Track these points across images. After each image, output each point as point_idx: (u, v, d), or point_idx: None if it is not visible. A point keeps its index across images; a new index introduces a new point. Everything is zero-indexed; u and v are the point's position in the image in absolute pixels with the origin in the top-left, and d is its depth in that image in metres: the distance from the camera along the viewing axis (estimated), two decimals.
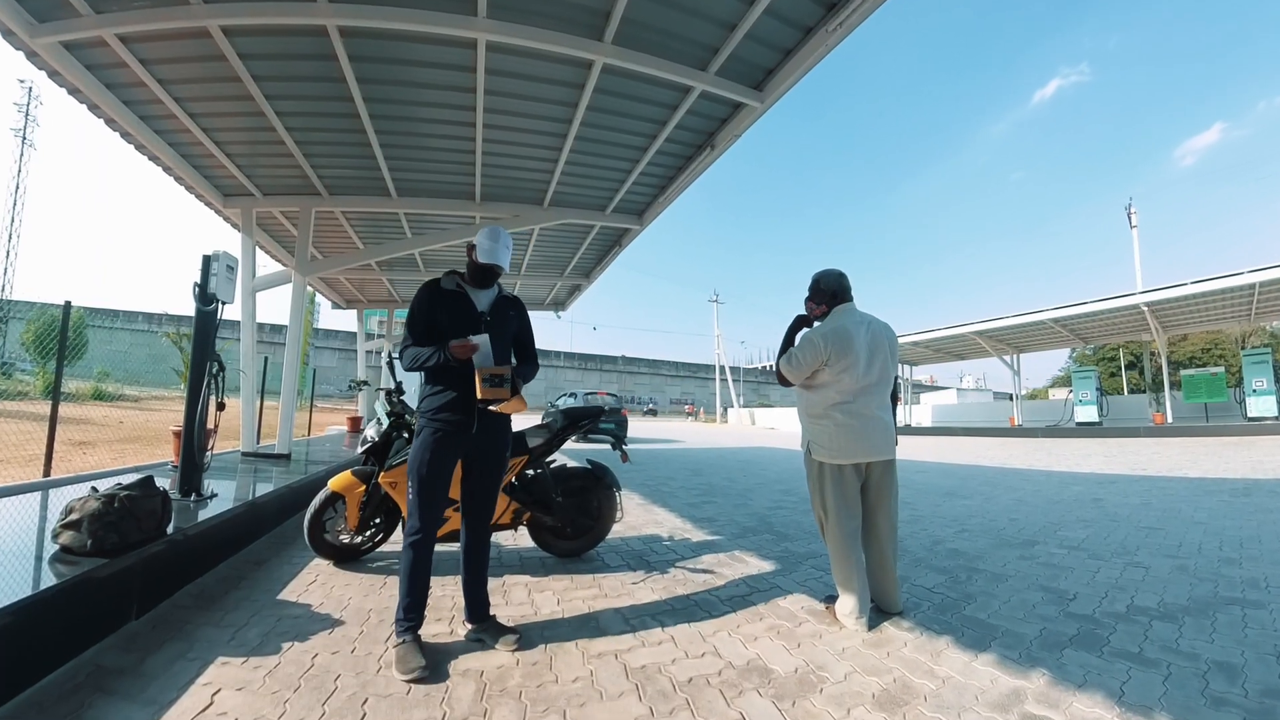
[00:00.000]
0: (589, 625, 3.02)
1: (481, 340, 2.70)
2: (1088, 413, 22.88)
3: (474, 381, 2.68)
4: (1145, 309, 19.51)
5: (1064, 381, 46.80)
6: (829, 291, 3.30)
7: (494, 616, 2.91)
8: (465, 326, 2.79)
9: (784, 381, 3.33)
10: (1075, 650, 2.72)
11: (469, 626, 2.86)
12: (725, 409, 54.24)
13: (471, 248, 2.86)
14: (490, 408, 2.75)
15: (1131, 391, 36.44)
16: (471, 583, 2.89)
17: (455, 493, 2.95)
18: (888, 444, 3.15)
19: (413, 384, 3.46)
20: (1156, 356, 23.71)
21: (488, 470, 2.91)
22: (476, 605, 2.87)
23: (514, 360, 3.04)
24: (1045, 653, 2.69)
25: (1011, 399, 29.24)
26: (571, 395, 20.15)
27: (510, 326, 2.98)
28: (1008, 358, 27.42)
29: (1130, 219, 34.43)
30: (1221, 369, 21.99)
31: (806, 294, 3.40)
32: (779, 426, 38.84)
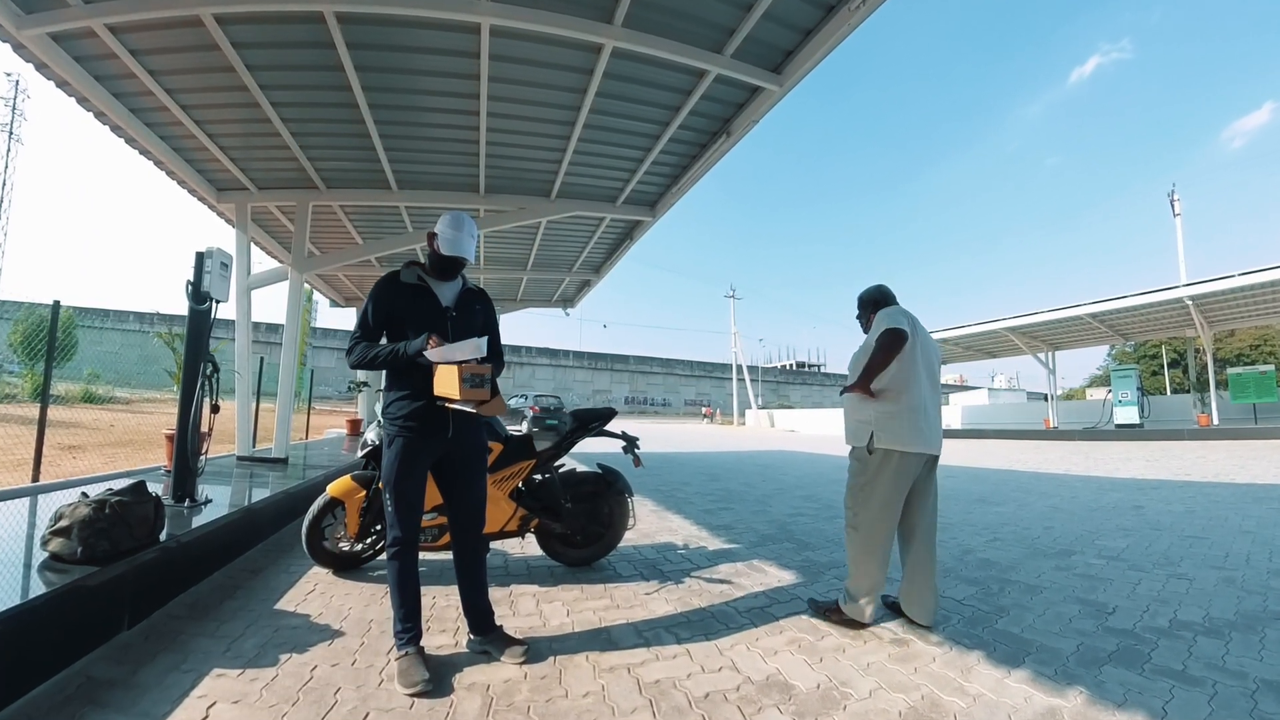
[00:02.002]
0: (600, 638, 3.03)
1: (470, 343, 2.58)
2: (1128, 414, 22.64)
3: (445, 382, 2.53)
4: (1189, 303, 19.27)
5: (1102, 381, 46.40)
6: (871, 300, 3.51)
7: (500, 627, 2.91)
8: (429, 323, 2.73)
9: (890, 357, 3.09)
10: (1114, 667, 2.69)
11: (473, 638, 2.87)
12: (743, 410, 54.10)
13: (433, 236, 2.78)
14: (468, 409, 2.57)
15: (1174, 391, 36.04)
16: (472, 594, 2.88)
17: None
18: (940, 439, 3.30)
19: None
20: (1201, 353, 23.41)
21: (470, 474, 2.89)
22: (479, 617, 2.87)
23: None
24: (1083, 669, 2.67)
25: (1046, 399, 29.04)
26: (522, 396, 23.19)
27: (476, 322, 2.90)
28: (1042, 355, 27.20)
29: (1173, 206, 33.99)
30: (1271, 367, 21.73)
31: (856, 313, 3.62)
32: (800, 429, 38.70)
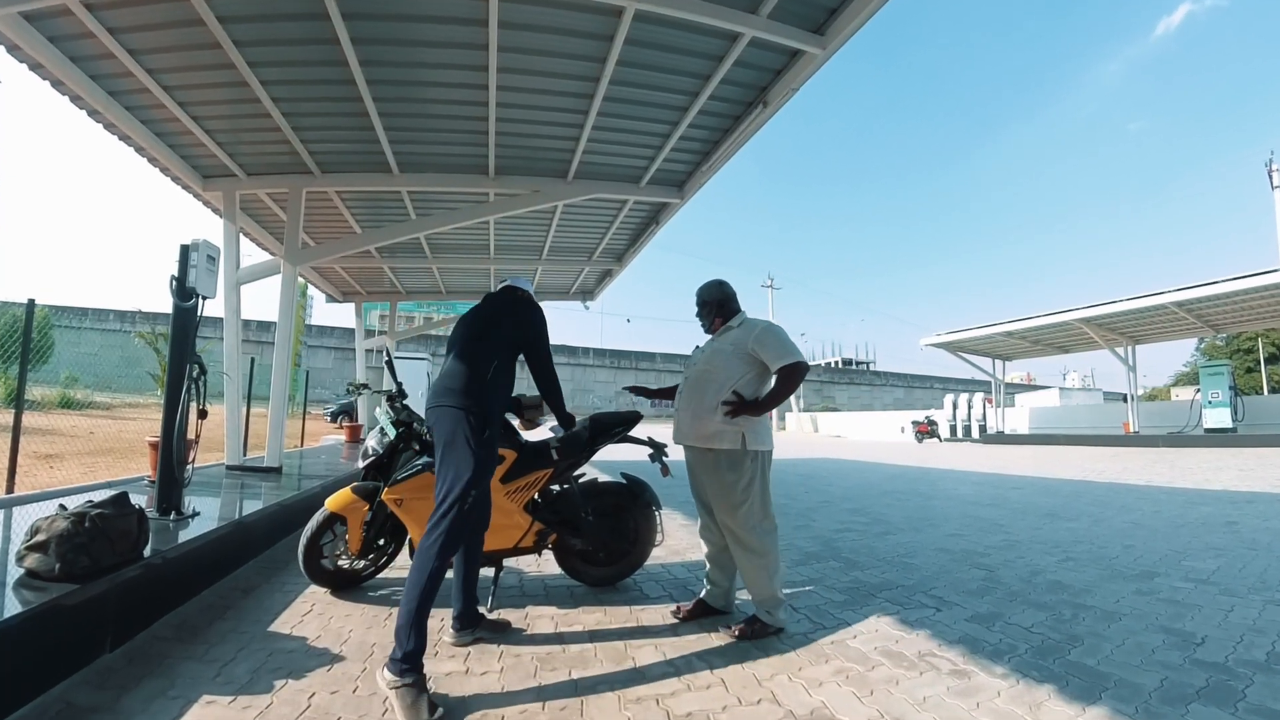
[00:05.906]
0: (626, 665, 3.04)
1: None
2: (1219, 416, 22.18)
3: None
4: None
5: (1190, 379, 45.44)
6: (717, 303, 3.82)
7: (484, 615, 3.38)
8: None
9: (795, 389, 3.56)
10: (1203, 705, 2.63)
11: (458, 634, 3.26)
12: (783, 414, 53.82)
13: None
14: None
15: (1273, 390, 35.24)
16: (471, 589, 3.33)
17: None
18: None
19: (416, 386, 3.59)
20: None
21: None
22: (473, 606, 3.33)
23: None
24: (1167, 707, 2.61)
25: (1125, 400, 28.50)
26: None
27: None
28: (1120, 350, 26.71)
29: (1271, 178, 33.07)
30: None
31: (696, 311, 3.92)
32: (846, 434, 38.47)
